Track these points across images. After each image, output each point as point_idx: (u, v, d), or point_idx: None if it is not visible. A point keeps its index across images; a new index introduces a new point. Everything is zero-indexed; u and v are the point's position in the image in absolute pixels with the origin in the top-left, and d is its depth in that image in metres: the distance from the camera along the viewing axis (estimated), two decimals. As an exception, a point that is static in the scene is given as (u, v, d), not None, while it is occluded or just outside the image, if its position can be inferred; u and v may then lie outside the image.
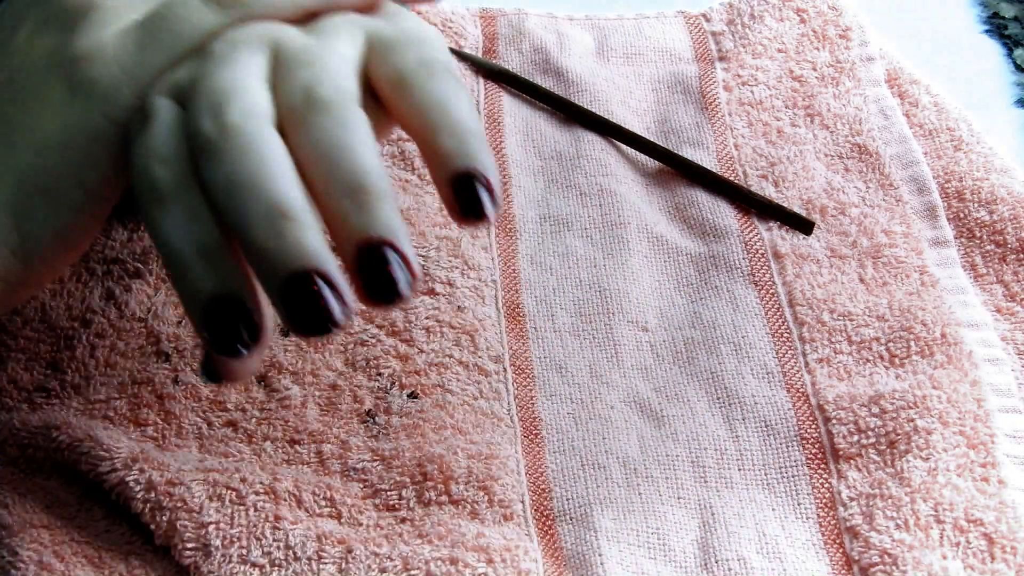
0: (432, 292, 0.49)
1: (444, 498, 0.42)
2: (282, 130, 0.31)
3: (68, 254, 0.34)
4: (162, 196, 0.30)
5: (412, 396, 0.46)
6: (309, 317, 0.29)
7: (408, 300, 0.30)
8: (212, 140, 0.30)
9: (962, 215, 0.53)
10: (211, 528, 0.40)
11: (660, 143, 0.57)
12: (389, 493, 0.43)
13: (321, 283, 0.29)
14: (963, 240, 0.52)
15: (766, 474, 0.45)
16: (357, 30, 0.34)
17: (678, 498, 0.44)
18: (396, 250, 0.29)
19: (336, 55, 0.33)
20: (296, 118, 0.31)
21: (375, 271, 0.29)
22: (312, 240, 0.29)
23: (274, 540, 0.40)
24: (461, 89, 0.33)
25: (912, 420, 0.44)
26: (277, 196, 0.29)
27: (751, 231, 0.53)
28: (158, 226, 0.30)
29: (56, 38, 0.33)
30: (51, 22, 0.34)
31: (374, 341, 0.47)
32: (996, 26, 0.66)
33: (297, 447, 0.44)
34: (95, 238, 0.44)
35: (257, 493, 0.41)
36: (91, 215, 0.33)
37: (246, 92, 0.31)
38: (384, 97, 0.33)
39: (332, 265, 0.29)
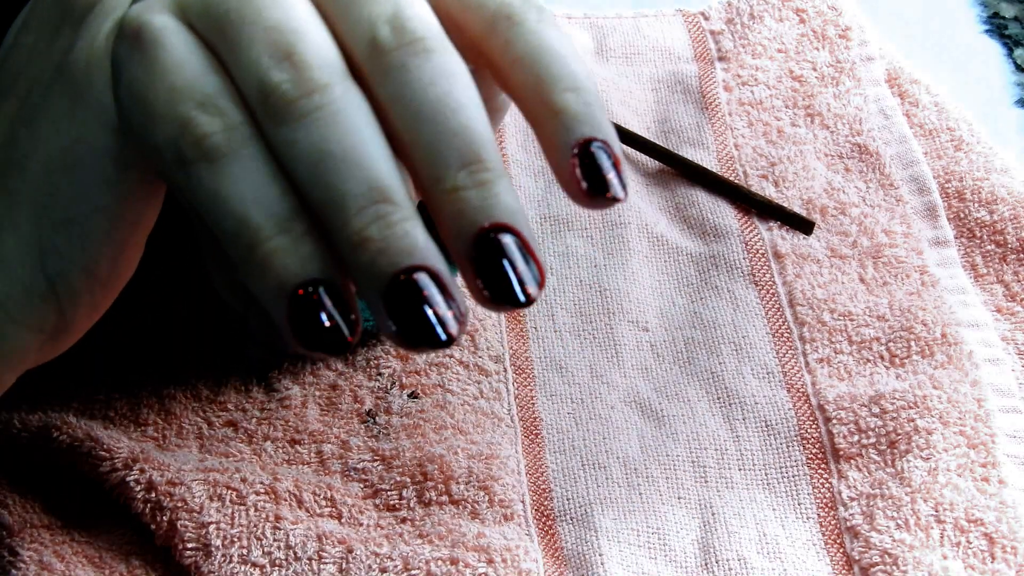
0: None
1: (444, 498, 0.42)
2: (356, 75, 0.25)
3: (107, 289, 0.29)
4: (215, 151, 0.24)
5: (412, 396, 0.46)
6: (420, 326, 0.24)
7: (534, 301, 0.25)
8: (291, 99, 0.24)
9: (962, 215, 0.53)
10: (211, 528, 0.40)
11: (660, 143, 0.57)
12: (389, 493, 0.43)
13: (432, 285, 0.24)
14: (963, 240, 0.52)
15: (766, 474, 0.45)
16: None
17: (678, 498, 0.44)
18: (521, 239, 0.24)
19: None
20: (382, 62, 0.25)
21: (497, 266, 0.24)
22: (418, 231, 0.24)
23: (274, 540, 0.40)
24: (569, 38, 0.27)
25: (912, 420, 0.44)
26: (378, 175, 0.24)
27: (751, 231, 0.53)
28: (210, 189, 0.24)
29: (66, 42, 0.29)
30: (67, 21, 0.29)
31: (374, 341, 0.47)
32: (996, 26, 0.66)
33: (297, 447, 0.44)
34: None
35: (257, 493, 0.41)
36: (121, 242, 0.28)
37: (312, 30, 0.25)
38: (469, 35, 0.27)
39: (443, 263, 0.24)
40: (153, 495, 0.40)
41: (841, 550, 0.42)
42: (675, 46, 0.62)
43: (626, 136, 0.56)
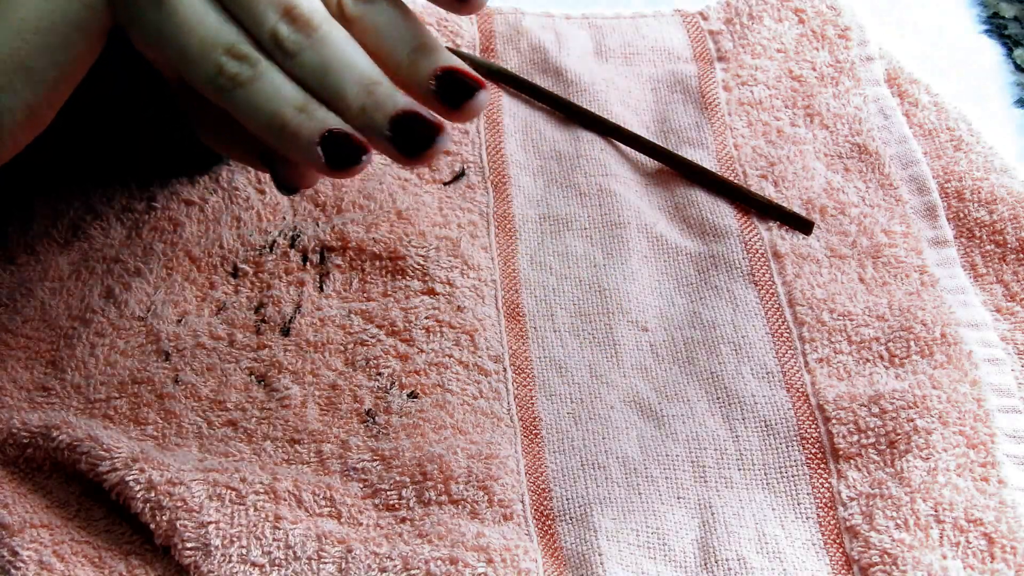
0: (432, 292, 0.49)
1: (444, 498, 0.42)
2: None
3: (34, 128, 0.37)
4: (247, 80, 0.34)
5: (412, 396, 0.46)
6: (417, 141, 0.34)
7: (484, 107, 0.35)
8: (298, 41, 0.34)
9: (962, 215, 0.53)
10: (211, 528, 0.40)
11: (660, 143, 0.57)
12: (389, 493, 0.43)
13: (416, 115, 0.34)
14: (963, 240, 0.52)
15: (766, 474, 0.45)
16: None
17: (678, 498, 0.44)
18: (465, 72, 0.35)
19: None
20: (353, 4, 0.36)
21: (456, 85, 0.35)
22: (399, 93, 0.35)
23: (274, 540, 0.40)
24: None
25: (912, 420, 0.44)
26: (367, 70, 0.35)
27: (751, 231, 0.53)
28: (247, 103, 0.34)
29: None
30: None
31: (374, 341, 0.47)
32: (996, 26, 0.66)
33: (297, 447, 0.44)
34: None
35: (257, 493, 0.41)
36: (59, 92, 0.37)
37: None
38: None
39: (418, 104, 0.35)
40: (153, 495, 0.40)
41: (840, 550, 0.42)
42: (674, 46, 0.62)
43: (626, 136, 0.56)
